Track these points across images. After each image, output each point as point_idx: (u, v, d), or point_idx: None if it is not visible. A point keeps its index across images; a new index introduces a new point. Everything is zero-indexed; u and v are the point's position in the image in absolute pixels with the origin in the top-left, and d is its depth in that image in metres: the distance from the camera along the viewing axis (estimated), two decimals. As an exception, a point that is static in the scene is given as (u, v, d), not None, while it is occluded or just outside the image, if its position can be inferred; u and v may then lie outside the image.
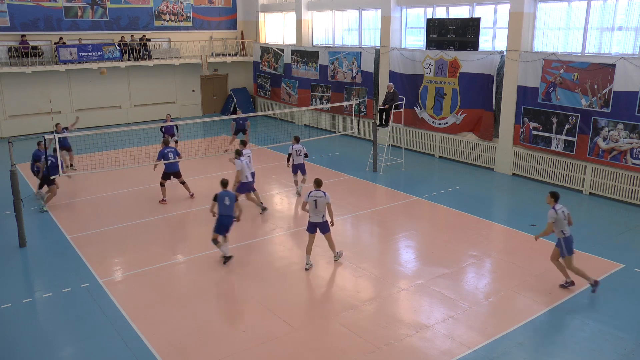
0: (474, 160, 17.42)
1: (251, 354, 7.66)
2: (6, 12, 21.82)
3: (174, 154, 13.79)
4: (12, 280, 10.04)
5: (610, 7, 13.96)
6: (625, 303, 8.98)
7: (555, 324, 8.40)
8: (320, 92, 23.08)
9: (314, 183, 10.13)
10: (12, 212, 11.53)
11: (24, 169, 16.37)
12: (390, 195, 14.80)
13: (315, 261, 10.67)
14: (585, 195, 14.51)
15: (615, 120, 13.55)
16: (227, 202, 10.28)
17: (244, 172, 12.50)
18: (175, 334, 8.17)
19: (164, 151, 13.73)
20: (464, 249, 11.12)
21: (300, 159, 14.00)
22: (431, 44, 17.97)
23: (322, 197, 9.89)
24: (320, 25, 23.89)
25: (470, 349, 7.73)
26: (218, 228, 10.34)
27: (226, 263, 10.38)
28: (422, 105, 18.68)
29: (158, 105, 25.60)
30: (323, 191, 9.99)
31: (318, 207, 9.91)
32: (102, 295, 9.35)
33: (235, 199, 10.53)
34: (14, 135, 21.07)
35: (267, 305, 8.94)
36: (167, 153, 13.73)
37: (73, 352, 7.89)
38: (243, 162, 12.51)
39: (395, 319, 8.57)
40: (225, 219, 10.34)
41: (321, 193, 9.93)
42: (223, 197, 10.30)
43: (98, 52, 23.09)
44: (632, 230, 12.10)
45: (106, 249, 11.23)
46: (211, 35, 27.18)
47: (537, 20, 15.48)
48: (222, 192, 10.38)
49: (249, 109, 26.41)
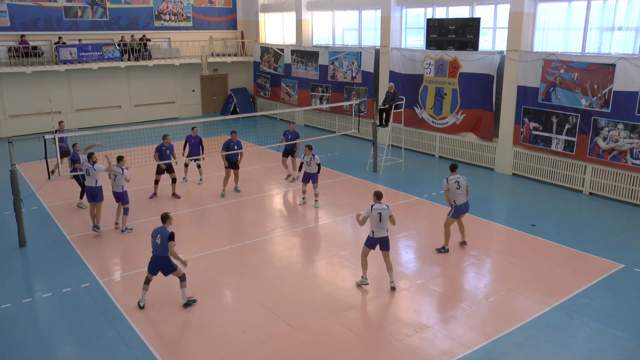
0: (474, 160, 17.41)
1: (251, 354, 7.66)
2: (6, 12, 21.82)
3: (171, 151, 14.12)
4: (12, 280, 10.04)
5: (610, 7, 13.96)
6: (625, 303, 8.99)
7: (555, 324, 8.40)
8: (320, 92, 23.08)
9: (375, 196, 9.40)
10: (12, 212, 11.52)
11: (24, 169, 16.38)
12: (390, 195, 14.78)
13: (315, 261, 10.68)
14: (585, 195, 14.51)
15: (615, 120, 13.55)
16: (158, 241, 8.68)
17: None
18: (175, 334, 8.17)
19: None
20: (464, 249, 11.12)
21: (311, 169, 13.47)
22: (431, 44, 17.97)
23: (386, 210, 9.22)
24: (320, 25, 23.89)
25: (470, 349, 7.73)
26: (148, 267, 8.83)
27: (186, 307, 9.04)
28: (422, 105, 18.67)
29: (158, 105, 25.63)
30: (386, 204, 9.38)
31: (382, 220, 9.22)
32: (102, 295, 9.35)
33: (168, 238, 8.63)
34: (14, 135, 21.05)
35: (267, 305, 8.94)
36: (165, 150, 14.03)
37: (73, 352, 7.89)
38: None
39: (395, 319, 8.57)
40: (157, 259, 8.77)
41: (384, 206, 9.27)
42: (156, 235, 8.71)
43: (98, 52, 23.09)
44: (632, 230, 12.10)
45: (106, 249, 11.23)
46: (211, 35, 27.18)
47: (537, 20, 15.48)
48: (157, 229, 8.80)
49: (249, 109, 26.42)
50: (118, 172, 11.81)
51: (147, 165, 14.65)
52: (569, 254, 10.81)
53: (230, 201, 14.02)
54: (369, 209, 9.21)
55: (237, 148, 14.25)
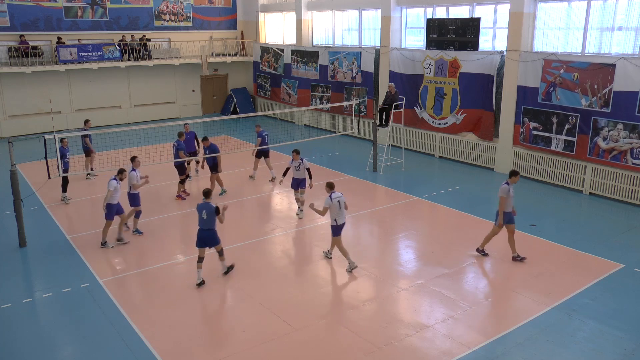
0: (474, 160, 17.41)
1: (251, 354, 7.66)
2: (6, 12, 21.83)
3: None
4: (12, 280, 10.03)
5: (610, 7, 13.96)
6: (625, 303, 8.98)
7: (555, 324, 8.40)
8: (320, 92, 23.08)
9: (328, 186, 10.10)
10: (12, 212, 11.52)
11: (24, 169, 16.38)
12: (390, 195, 14.79)
13: (315, 261, 10.68)
14: (585, 195, 14.51)
15: (615, 120, 13.55)
16: (204, 216, 9.45)
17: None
18: (175, 334, 8.17)
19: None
20: (464, 249, 11.12)
21: (300, 174, 12.94)
22: (431, 44, 17.97)
23: (342, 197, 10.03)
24: (320, 25, 23.90)
25: (470, 349, 7.73)
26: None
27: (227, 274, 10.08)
28: (422, 105, 18.68)
29: (158, 105, 25.63)
30: (340, 192, 10.17)
31: (341, 207, 9.99)
32: (102, 295, 9.35)
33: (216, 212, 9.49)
34: (14, 135, 21.06)
35: (267, 305, 8.94)
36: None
37: (73, 352, 7.89)
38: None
39: (395, 319, 8.57)
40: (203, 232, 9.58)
41: (339, 194, 10.04)
42: (201, 210, 9.50)
43: (98, 52, 23.09)
44: (632, 230, 12.10)
45: (106, 249, 11.22)
46: (211, 35, 27.18)
47: (537, 20, 15.48)
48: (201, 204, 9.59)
49: (249, 109, 26.42)
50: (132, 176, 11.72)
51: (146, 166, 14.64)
52: (569, 254, 10.81)
53: (229, 201, 14.01)
54: (328, 200, 9.86)
55: (209, 153, 14.34)
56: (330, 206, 9.86)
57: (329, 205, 9.86)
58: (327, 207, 9.91)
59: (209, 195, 9.58)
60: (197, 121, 17.20)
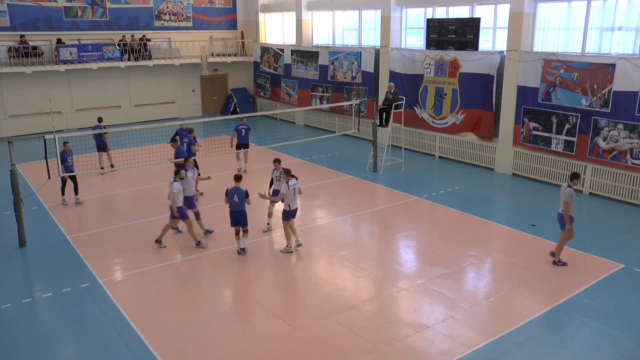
0: (474, 160, 17.41)
1: (251, 354, 7.66)
2: (6, 12, 21.82)
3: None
4: (12, 280, 10.04)
5: (610, 7, 13.96)
6: (625, 303, 8.98)
7: (555, 324, 8.41)
8: (320, 92, 23.08)
9: (285, 173, 10.62)
10: (12, 212, 11.52)
11: (24, 169, 16.38)
12: (390, 195, 14.79)
13: (315, 261, 10.69)
14: (585, 195, 14.51)
15: (615, 120, 13.55)
16: (235, 199, 10.43)
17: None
18: (175, 334, 8.17)
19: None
20: (464, 249, 11.12)
21: (279, 184, 11.39)
22: (431, 44, 17.97)
23: (297, 184, 10.65)
24: (320, 25, 23.89)
25: (470, 349, 7.73)
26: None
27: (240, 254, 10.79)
28: (422, 105, 18.67)
29: (158, 105, 25.62)
30: (295, 178, 10.71)
31: (295, 194, 10.66)
32: (102, 295, 9.34)
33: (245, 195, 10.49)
34: (14, 135, 21.08)
35: (267, 305, 8.94)
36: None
37: (73, 352, 7.89)
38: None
39: (395, 319, 8.57)
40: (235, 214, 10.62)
41: (295, 181, 10.60)
42: (232, 194, 10.46)
43: (98, 52, 23.09)
44: (632, 230, 12.10)
45: (106, 249, 11.23)
46: (211, 35, 27.18)
47: (537, 20, 15.47)
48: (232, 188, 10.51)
49: (249, 109, 26.42)
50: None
51: (146, 166, 14.65)
52: (569, 254, 10.79)
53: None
54: (285, 186, 10.40)
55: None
56: (287, 192, 10.43)
57: (285, 191, 10.43)
58: (284, 194, 10.46)
59: (240, 179, 10.52)
60: (197, 121, 17.21)
